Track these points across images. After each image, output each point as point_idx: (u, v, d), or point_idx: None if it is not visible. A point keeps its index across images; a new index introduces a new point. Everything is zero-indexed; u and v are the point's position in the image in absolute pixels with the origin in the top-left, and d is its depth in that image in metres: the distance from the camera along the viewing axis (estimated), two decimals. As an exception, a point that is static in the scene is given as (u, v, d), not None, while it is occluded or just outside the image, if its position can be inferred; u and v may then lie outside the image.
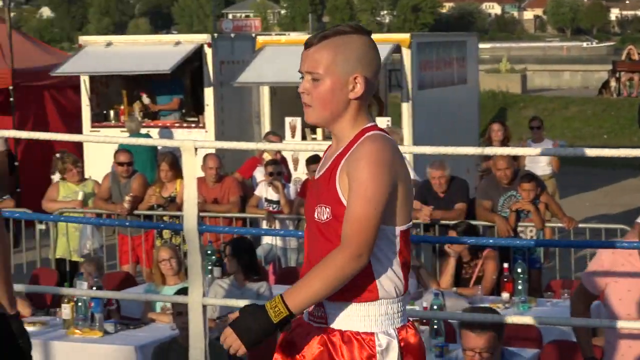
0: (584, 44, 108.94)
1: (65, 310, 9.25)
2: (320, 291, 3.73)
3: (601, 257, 6.83)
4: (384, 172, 3.80)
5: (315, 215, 3.94)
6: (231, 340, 3.77)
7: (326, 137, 17.68)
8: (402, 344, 3.93)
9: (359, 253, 3.71)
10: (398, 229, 3.90)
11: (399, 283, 3.93)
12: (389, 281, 3.89)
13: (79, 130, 18.35)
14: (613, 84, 40.79)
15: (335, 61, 3.83)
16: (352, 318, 3.86)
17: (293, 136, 17.56)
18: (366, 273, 3.83)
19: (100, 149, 16.47)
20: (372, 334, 3.86)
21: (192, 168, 6.75)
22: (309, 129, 17.91)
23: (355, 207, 3.77)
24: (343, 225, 3.81)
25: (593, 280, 6.77)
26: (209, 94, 18.49)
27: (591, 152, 6.90)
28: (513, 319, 7.78)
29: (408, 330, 4.00)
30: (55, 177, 14.56)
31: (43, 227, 14.61)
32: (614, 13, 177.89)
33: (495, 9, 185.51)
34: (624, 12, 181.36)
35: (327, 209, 3.90)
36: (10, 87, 19.19)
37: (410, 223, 4.00)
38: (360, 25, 4.07)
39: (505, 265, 10.21)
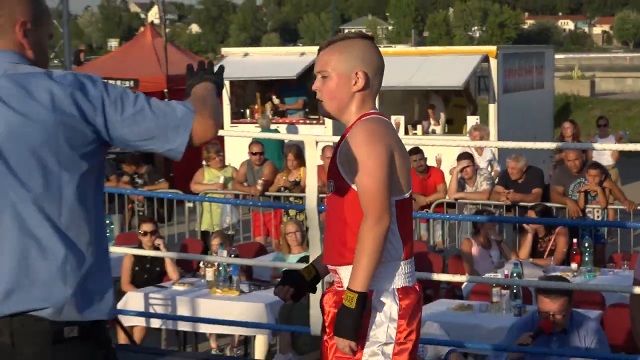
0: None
1: (209, 274, 9.43)
2: (369, 263, 3.67)
3: None
4: (378, 146, 3.74)
5: (327, 188, 3.98)
6: (344, 345, 3.72)
7: (425, 132, 17.69)
8: (401, 302, 3.80)
9: (378, 216, 3.67)
10: (393, 199, 3.80)
11: (398, 247, 3.82)
12: (395, 245, 3.80)
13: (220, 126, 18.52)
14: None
15: (339, 59, 3.85)
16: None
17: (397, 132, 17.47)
18: None
19: (238, 141, 16.54)
20: (370, 291, 3.74)
21: (313, 158, 6.94)
22: (410, 125, 17.88)
23: (362, 183, 3.73)
24: (360, 202, 3.75)
25: None
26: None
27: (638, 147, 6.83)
28: (580, 285, 7.82)
29: (409, 291, 3.85)
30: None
31: (191, 205, 14.83)
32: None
33: (569, 25, 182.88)
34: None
35: (332, 182, 3.89)
36: (165, 90, 19.36)
37: (406, 194, 3.87)
38: (363, 32, 4.18)
39: (574, 240, 10.15)
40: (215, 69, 3.63)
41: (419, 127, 17.70)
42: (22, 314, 2.87)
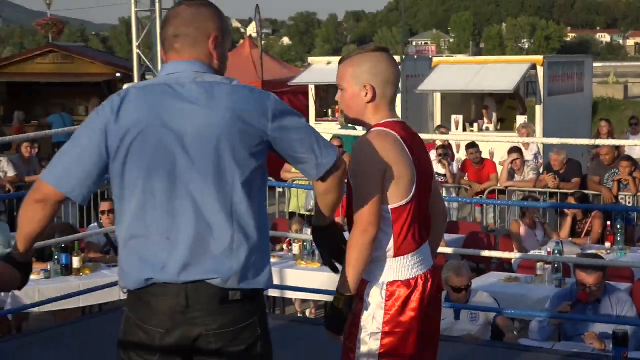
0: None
1: (295, 249, 9.50)
2: (355, 270, 3.46)
3: None
4: (365, 167, 3.51)
5: None
6: (331, 336, 3.60)
7: (480, 130, 17.63)
8: (388, 294, 3.56)
9: (363, 229, 3.44)
10: (389, 207, 3.54)
11: (390, 247, 3.55)
12: (385, 245, 3.54)
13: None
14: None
15: (352, 74, 3.67)
16: (366, 273, 3.58)
17: (457, 129, 17.47)
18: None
19: (324, 135, 16.69)
20: (365, 282, 3.58)
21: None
22: (468, 123, 17.88)
23: (354, 195, 3.57)
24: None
25: None
26: (397, 99, 18.48)
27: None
28: (613, 262, 7.74)
29: (399, 284, 3.56)
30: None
31: (281, 190, 14.92)
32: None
33: (606, 38, 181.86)
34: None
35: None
36: (259, 93, 19.53)
37: (403, 202, 3.55)
38: (380, 45, 3.94)
39: (608, 222, 10.07)
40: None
41: (475, 125, 17.73)
42: (196, 282, 3.03)
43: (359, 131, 16.43)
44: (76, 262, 8.71)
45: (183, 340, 3.07)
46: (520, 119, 16.89)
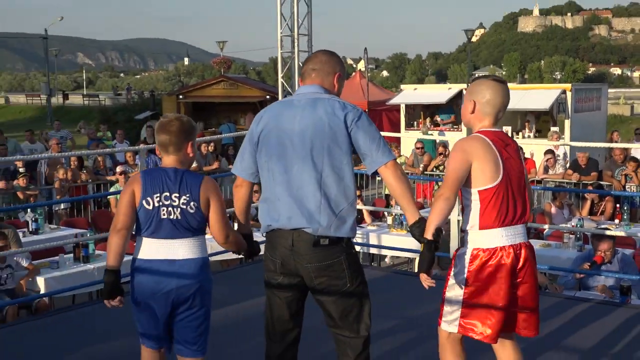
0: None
1: (389, 220, 9.42)
2: (433, 223, 3.24)
3: None
4: (456, 155, 3.30)
5: None
6: (422, 278, 3.33)
7: (523, 137, 17.36)
8: (470, 259, 3.34)
9: (442, 195, 3.23)
10: (476, 190, 3.30)
11: (475, 222, 3.31)
12: (473, 220, 3.30)
13: (398, 131, 18.53)
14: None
15: (467, 92, 3.50)
16: (461, 241, 3.56)
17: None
18: (467, 213, 3.39)
19: (410, 141, 16.58)
20: (459, 247, 3.47)
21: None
22: (515, 132, 17.59)
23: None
24: None
25: None
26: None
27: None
28: (621, 233, 7.53)
29: (479, 252, 3.32)
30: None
31: (379, 178, 14.88)
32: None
33: (618, 71, 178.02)
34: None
35: None
36: (366, 110, 19.62)
37: (488, 186, 3.28)
38: (495, 75, 3.63)
39: (617, 205, 9.96)
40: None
41: (520, 133, 17.48)
42: (297, 229, 3.19)
43: (435, 136, 16.36)
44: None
45: (292, 269, 3.24)
46: (553, 130, 16.70)
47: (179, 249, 3.31)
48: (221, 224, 3.35)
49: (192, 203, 3.30)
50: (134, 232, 3.43)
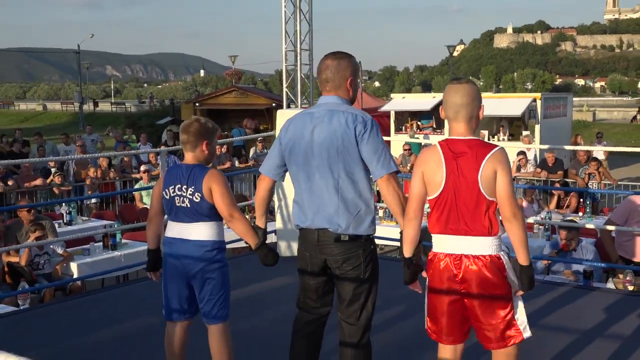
0: (624, 98, 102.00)
1: (380, 212, 9.31)
2: (406, 243, 3.09)
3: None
4: (414, 169, 3.05)
5: None
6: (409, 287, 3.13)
7: (498, 140, 17.34)
8: (429, 257, 3.04)
9: (407, 218, 3.02)
10: (428, 198, 2.96)
11: (429, 225, 3.01)
12: (429, 224, 3.02)
13: (387, 135, 18.44)
14: (638, 117, 38.63)
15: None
16: None
17: (483, 140, 17.19)
18: None
19: (398, 143, 16.52)
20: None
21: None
22: (490, 136, 17.61)
23: None
24: None
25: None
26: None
27: (618, 149, 6.57)
28: (584, 225, 7.51)
29: (436, 256, 2.99)
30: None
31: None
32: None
33: (582, 82, 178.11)
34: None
35: None
36: (360, 116, 19.50)
37: (433, 195, 2.94)
38: (456, 76, 3.15)
39: (581, 199, 9.92)
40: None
41: (495, 137, 17.42)
42: (321, 228, 3.18)
43: (421, 140, 16.32)
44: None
45: (320, 262, 3.23)
46: (525, 134, 16.67)
47: (193, 231, 3.46)
48: (224, 203, 3.42)
49: (196, 194, 3.43)
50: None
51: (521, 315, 2.99)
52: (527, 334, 2.99)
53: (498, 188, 2.86)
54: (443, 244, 2.96)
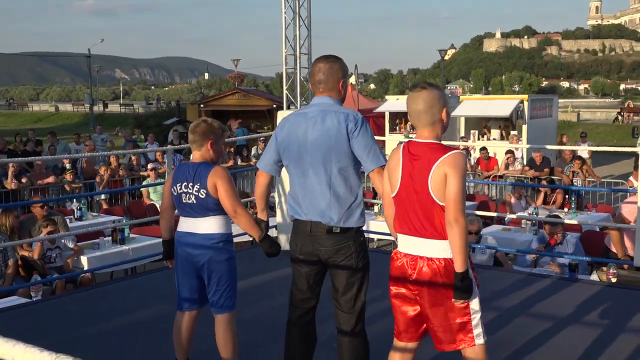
0: (607, 100, 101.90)
1: (376, 208, 9.32)
2: (392, 232, 2.98)
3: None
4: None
5: None
6: None
7: (487, 139, 17.32)
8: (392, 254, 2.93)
9: (385, 214, 3.00)
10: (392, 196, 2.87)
11: (393, 225, 2.92)
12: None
13: (383, 134, 18.43)
14: (619, 117, 38.73)
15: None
16: None
17: (474, 139, 17.12)
18: None
19: (394, 142, 16.53)
20: None
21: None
22: (480, 135, 17.62)
23: None
24: None
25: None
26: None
27: (601, 148, 6.58)
28: (569, 220, 7.51)
29: (395, 254, 2.90)
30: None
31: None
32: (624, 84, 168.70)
33: (567, 84, 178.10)
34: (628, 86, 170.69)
35: None
36: (356, 117, 19.48)
37: (392, 194, 2.86)
38: (417, 83, 2.96)
39: (567, 196, 9.94)
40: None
41: (485, 136, 17.43)
42: (314, 221, 3.20)
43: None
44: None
45: (311, 251, 3.24)
46: (513, 134, 16.67)
47: (201, 225, 3.47)
48: (228, 199, 3.41)
49: (201, 190, 3.43)
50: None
51: (477, 321, 2.78)
52: (479, 340, 2.79)
53: (446, 191, 2.68)
54: (402, 243, 2.86)
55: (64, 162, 12.71)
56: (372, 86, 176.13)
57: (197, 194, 3.44)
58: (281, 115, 6.73)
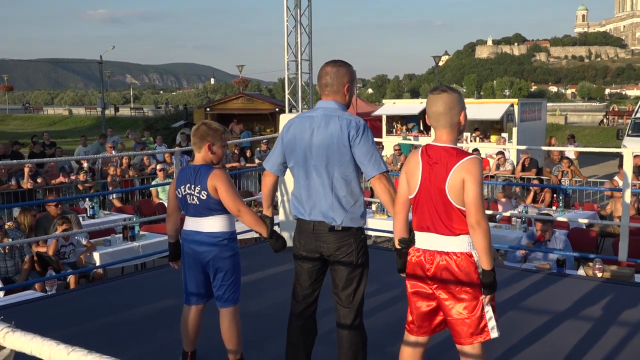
0: (593, 103, 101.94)
1: (374, 207, 9.27)
2: (396, 233, 3.00)
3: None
4: (402, 167, 2.92)
5: None
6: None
7: (480, 141, 17.30)
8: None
9: (395, 212, 2.97)
10: (410, 197, 2.87)
11: (413, 222, 2.90)
12: None
13: (379, 137, 18.42)
14: (605, 120, 38.65)
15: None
16: None
17: (467, 141, 17.23)
18: None
19: (390, 144, 16.48)
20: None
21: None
22: (473, 137, 17.60)
23: None
24: None
25: None
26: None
27: (588, 149, 6.56)
28: (557, 217, 7.49)
29: (412, 250, 2.88)
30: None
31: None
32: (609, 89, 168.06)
33: (555, 89, 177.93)
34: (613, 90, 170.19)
35: None
36: (355, 120, 19.46)
37: (411, 195, 2.85)
38: (437, 85, 2.94)
39: (555, 195, 9.92)
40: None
41: (477, 138, 17.40)
42: (317, 220, 3.16)
43: (412, 142, 16.32)
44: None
45: (313, 248, 3.22)
46: (503, 136, 16.69)
47: (205, 224, 3.46)
48: (230, 200, 3.40)
49: (203, 192, 3.42)
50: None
51: (491, 315, 2.78)
52: (494, 334, 2.78)
53: (465, 196, 2.66)
54: (420, 240, 2.84)
55: (81, 163, 12.87)
56: (370, 90, 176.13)
57: (199, 195, 3.43)
58: (283, 118, 6.73)
